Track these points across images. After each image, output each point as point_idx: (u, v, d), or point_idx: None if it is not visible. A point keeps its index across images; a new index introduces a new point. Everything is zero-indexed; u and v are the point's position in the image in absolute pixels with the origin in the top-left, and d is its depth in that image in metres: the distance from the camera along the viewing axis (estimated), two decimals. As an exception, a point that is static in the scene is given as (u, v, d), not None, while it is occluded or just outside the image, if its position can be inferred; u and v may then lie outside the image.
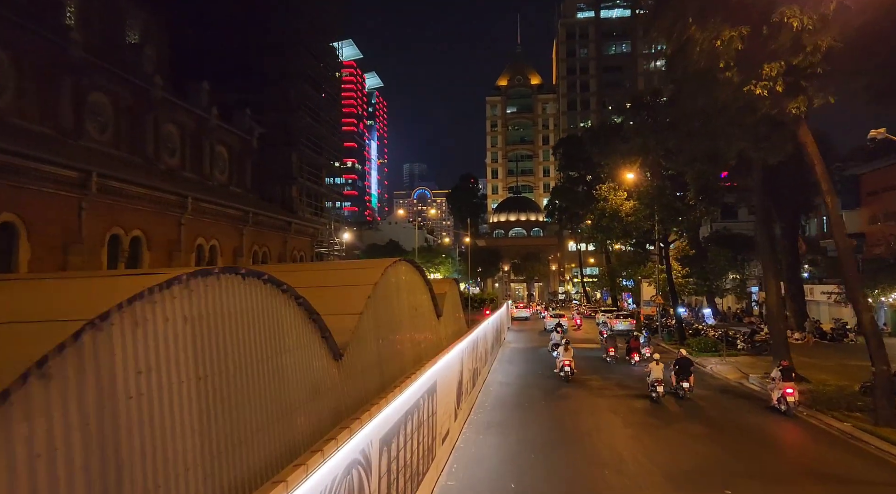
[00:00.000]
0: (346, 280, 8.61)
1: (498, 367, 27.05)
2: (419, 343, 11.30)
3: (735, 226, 66.38)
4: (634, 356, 27.28)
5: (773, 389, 18.71)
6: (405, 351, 10.12)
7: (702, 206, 34.26)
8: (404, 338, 10.12)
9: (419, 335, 11.55)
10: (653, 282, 43.06)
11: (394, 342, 9.19)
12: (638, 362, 26.82)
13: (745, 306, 62.55)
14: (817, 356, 27.32)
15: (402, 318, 9.94)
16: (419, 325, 11.63)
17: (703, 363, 27.76)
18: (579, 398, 19.49)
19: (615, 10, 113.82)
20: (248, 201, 27.20)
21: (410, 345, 10.50)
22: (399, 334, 9.68)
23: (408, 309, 10.56)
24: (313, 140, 36.79)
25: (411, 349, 10.56)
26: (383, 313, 8.69)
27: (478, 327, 20.47)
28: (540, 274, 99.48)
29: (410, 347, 10.51)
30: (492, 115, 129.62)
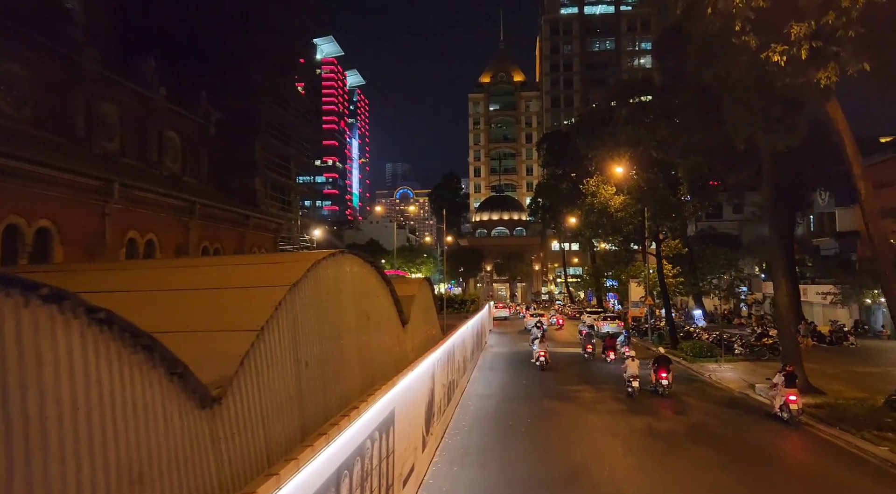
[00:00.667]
0: (254, 279, 6.05)
1: (478, 376, 24.61)
2: (372, 361, 8.77)
3: (720, 225, 64.98)
4: (610, 355, 27.94)
5: (776, 396, 16.91)
6: (350, 374, 7.58)
7: (695, 201, 32.15)
8: (348, 357, 7.58)
9: (374, 349, 9.01)
10: (642, 282, 40.93)
11: (328, 365, 6.65)
12: (613, 359, 27.38)
13: (734, 307, 60.86)
14: (818, 361, 25.22)
15: (344, 330, 7.40)
16: (374, 337, 9.09)
17: (701, 370, 25.59)
18: (570, 416, 17.07)
19: (599, 6, 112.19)
20: (199, 191, 24.45)
21: (359, 365, 7.96)
22: (339, 351, 7.13)
23: (355, 318, 8.02)
24: (281, 129, 34.04)
25: (360, 369, 8.03)
26: (310, 324, 6.15)
27: (455, 333, 18.00)
28: (523, 274, 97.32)
29: (359, 367, 7.97)
30: (474, 112, 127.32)
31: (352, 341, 7.82)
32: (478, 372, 25.45)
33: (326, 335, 6.77)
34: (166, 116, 24.92)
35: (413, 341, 12.75)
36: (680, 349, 30.67)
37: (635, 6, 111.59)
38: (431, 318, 16.45)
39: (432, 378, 12.63)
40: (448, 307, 53.41)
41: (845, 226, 43.75)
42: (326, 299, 6.90)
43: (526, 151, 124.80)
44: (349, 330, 7.77)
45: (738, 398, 19.82)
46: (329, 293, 7.00)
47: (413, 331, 12.89)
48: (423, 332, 14.43)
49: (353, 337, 7.90)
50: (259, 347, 4.96)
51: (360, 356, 8.14)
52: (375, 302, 9.51)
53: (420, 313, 14.11)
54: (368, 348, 8.74)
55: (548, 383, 22.80)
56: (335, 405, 6.80)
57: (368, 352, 8.70)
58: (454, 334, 17.76)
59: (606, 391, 20.70)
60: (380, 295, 9.88)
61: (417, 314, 13.56)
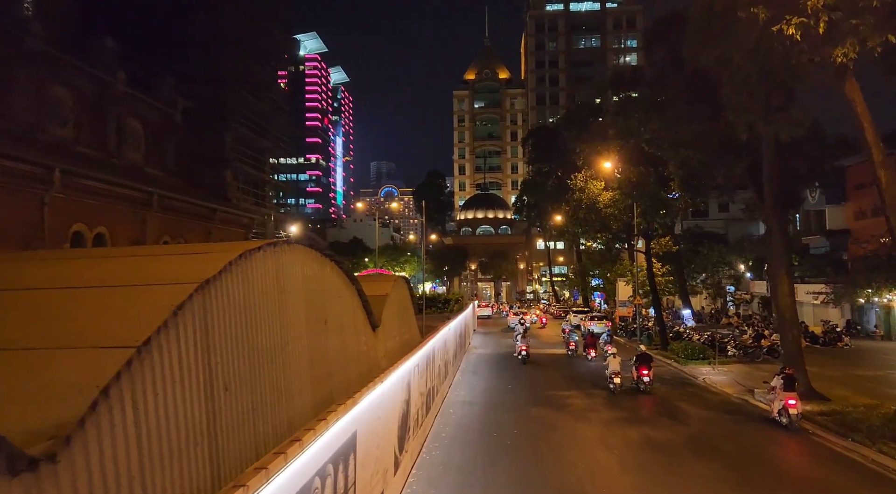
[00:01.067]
0: (152, 275, 4.54)
1: (461, 380, 23.20)
2: (330, 374, 7.30)
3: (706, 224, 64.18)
4: (591, 352, 28.24)
5: (774, 399, 16.04)
6: (297, 393, 6.11)
7: (686, 197, 30.95)
8: (295, 372, 6.10)
9: (333, 359, 7.54)
10: (630, 281, 39.78)
11: (262, 385, 5.16)
12: (594, 357, 27.71)
13: (721, 306, 60.04)
14: (814, 364, 24.01)
15: (289, 338, 5.92)
16: (334, 345, 7.62)
17: (694, 372, 24.40)
18: (560, 427, 15.71)
19: (584, 3, 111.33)
20: (163, 183, 22.77)
21: (311, 381, 6.49)
22: (280, 366, 5.65)
23: (307, 323, 6.54)
24: (254, 120, 32.35)
25: (313, 386, 6.56)
26: (234, 334, 4.66)
27: (435, 335, 16.56)
28: (508, 273, 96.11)
29: (311, 384, 6.51)
30: (459, 109, 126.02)
31: (301, 351, 6.35)
32: (460, 376, 24.05)
33: (261, 347, 5.29)
34: (127, 102, 23.19)
35: (386, 346, 11.28)
36: (671, 350, 29.51)
37: (621, 4, 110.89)
38: (409, 320, 14.99)
39: (408, 389, 11.19)
40: (431, 307, 51.89)
41: (835, 224, 42.96)
42: (262, 300, 5.42)
43: (511, 149, 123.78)
44: (297, 339, 6.29)
45: (736, 404, 18.60)
46: (266, 293, 5.52)
47: (386, 335, 11.42)
48: (399, 336, 12.97)
49: (302, 347, 6.42)
50: (140, 370, 3.48)
51: (312, 370, 6.66)
52: (337, 304, 8.03)
53: (395, 314, 12.64)
54: (325, 358, 7.27)
55: (535, 388, 21.46)
56: (272, 436, 5.32)
57: (325, 364, 7.23)
58: (434, 336, 16.33)
59: (597, 397, 19.38)
60: (343, 295, 8.41)
61: (391, 316, 12.10)
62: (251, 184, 32.93)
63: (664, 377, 24.09)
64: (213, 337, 4.41)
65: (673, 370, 25.79)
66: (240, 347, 4.83)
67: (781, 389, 16.13)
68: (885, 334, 35.41)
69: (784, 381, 16.15)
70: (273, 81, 35.34)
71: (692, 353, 27.36)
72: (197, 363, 4.16)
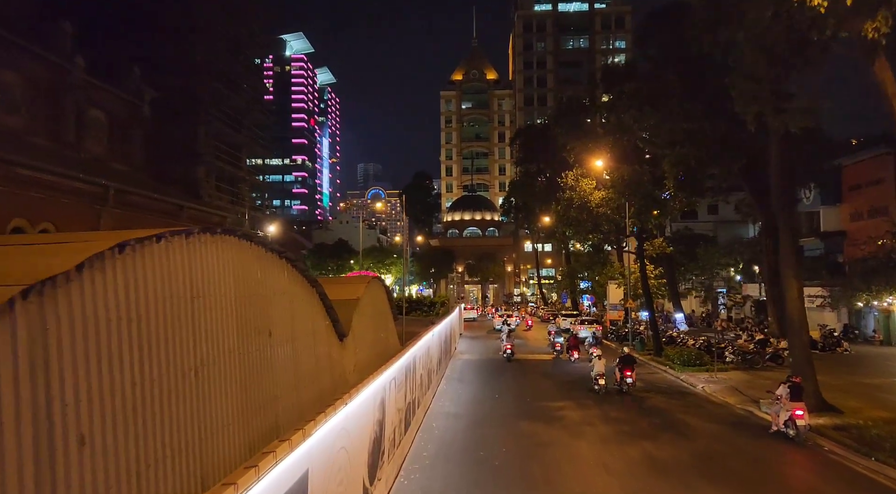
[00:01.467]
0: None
1: (446, 388, 21.73)
2: (276, 399, 5.83)
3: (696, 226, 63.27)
4: (574, 354, 28.46)
5: (780, 410, 14.90)
6: (220, 430, 4.60)
7: (681, 196, 29.74)
8: (218, 405, 4.59)
9: (280, 380, 6.04)
10: (621, 283, 38.51)
11: (159, 429, 3.63)
12: (577, 359, 28.08)
13: (712, 309, 59.05)
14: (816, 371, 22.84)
15: (209, 359, 4.42)
16: (281, 362, 6.12)
17: (691, 380, 23.11)
18: (554, 444, 14.29)
19: (573, 3, 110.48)
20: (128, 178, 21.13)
21: (242, 413, 5.01)
22: (185, 400, 4.15)
23: (239, 338, 5.05)
24: (230, 115, 30.71)
25: (246, 419, 5.07)
26: (106, 361, 3.10)
27: (417, 343, 15.08)
28: (495, 276, 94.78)
29: (242, 416, 5.01)
30: (446, 110, 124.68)
31: (227, 374, 4.85)
32: (445, 384, 22.58)
33: (155, 375, 3.79)
34: (87, 91, 21.51)
35: (357, 358, 9.78)
36: (665, 356, 28.25)
37: (610, 4, 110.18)
38: (386, 326, 13.49)
39: (382, 407, 9.70)
40: (416, 311, 50.42)
41: (830, 226, 42.03)
42: (162, 309, 3.92)
43: (499, 151, 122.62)
44: (221, 358, 4.80)
45: (741, 417, 17.30)
46: (170, 299, 4.02)
47: (358, 345, 9.94)
48: (374, 345, 11.48)
49: (230, 368, 4.92)
50: None
51: (246, 397, 5.17)
52: (287, 310, 6.55)
53: (368, 321, 11.15)
54: (268, 379, 5.78)
55: (524, 396, 20.06)
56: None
57: (268, 386, 5.74)
58: (416, 344, 14.86)
59: (591, 408, 17.99)
60: (298, 300, 6.92)
61: (364, 324, 10.61)
62: (226, 181, 31.28)
63: (660, 385, 22.80)
64: (58, 368, 2.92)
65: (669, 378, 24.52)
66: (112, 378, 3.34)
67: (788, 398, 14.95)
68: (885, 338, 34.39)
69: (791, 390, 14.97)
70: (251, 73, 33.69)
71: (688, 359, 26.10)
72: (20, 411, 2.67)
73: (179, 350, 4.12)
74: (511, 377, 25.03)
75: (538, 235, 79.69)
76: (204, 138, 28.05)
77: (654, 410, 17.99)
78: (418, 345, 15.47)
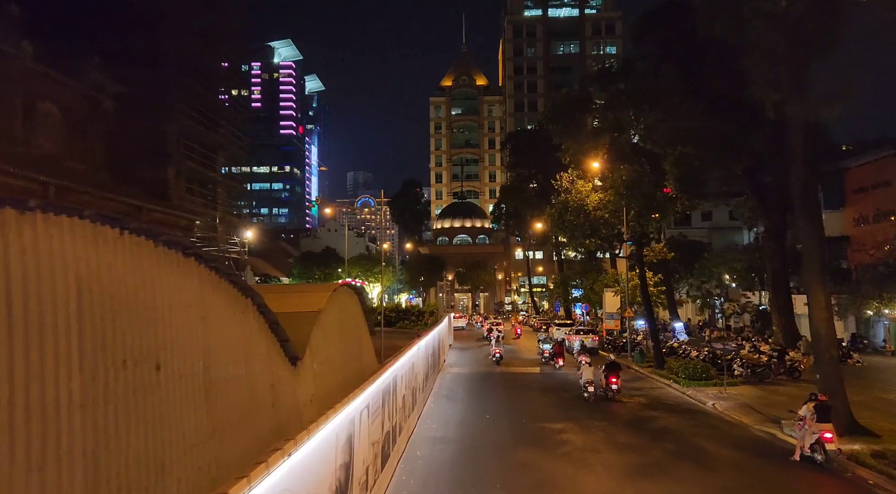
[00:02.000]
0: None
1: (433, 408, 19.76)
2: (161, 472, 3.83)
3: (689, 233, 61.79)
4: (559, 361, 28.63)
5: (805, 433, 13.25)
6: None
7: (683, 198, 28.09)
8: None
9: (173, 439, 4.08)
10: (618, 291, 36.76)
11: None
12: (562, 366, 28.40)
13: (708, 318, 57.44)
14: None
15: (35, 410, 2.41)
16: (176, 410, 4.17)
17: (700, 397, 21.27)
18: (558, 479, 12.36)
19: (563, 9, 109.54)
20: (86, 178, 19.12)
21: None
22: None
23: (87, 379, 3.06)
24: (203, 112, 28.73)
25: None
26: None
27: (398, 360, 13.15)
28: (486, 284, 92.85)
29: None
30: (436, 116, 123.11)
31: (57, 441, 2.90)
32: (432, 402, 20.63)
33: None
34: (37, 81, 19.53)
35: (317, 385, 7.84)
36: (668, 369, 26.42)
37: (600, 10, 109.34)
38: (359, 341, 11.54)
39: (349, 446, 7.75)
40: (403, 320, 48.51)
41: (833, 230, 40.49)
42: None
43: (489, 158, 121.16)
44: (43, 414, 2.85)
45: (763, 441, 15.47)
46: None
47: (318, 369, 7.98)
48: (342, 365, 9.55)
49: (63, 427, 2.98)
50: None
51: (96, 477, 3.21)
52: (197, 331, 4.62)
53: (334, 337, 9.21)
54: (142, 440, 3.83)
55: (519, 416, 18.15)
56: None
57: (138, 452, 3.78)
58: (397, 361, 12.93)
59: (596, 431, 16.09)
60: (215, 316, 5.00)
61: (328, 341, 8.67)
62: (199, 183, 29.25)
63: (667, 402, 20.96)
64: None
65: (674, 394, 22.68)
66: None
67: (814, 419, 13.24)
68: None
69: (817, 410, 13.25)
70: (228, 69, 31.75)
71: (694, 373, 24.25)
72: None
73: None
74: (503, 392, 23.13)
75: (529, 242, 77.98)
76: (174, 137, 26.04)
77: (665, 433, 16.13)
78: (400, 362, 13.54)
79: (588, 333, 38.32)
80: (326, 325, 8.39)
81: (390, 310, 51.44)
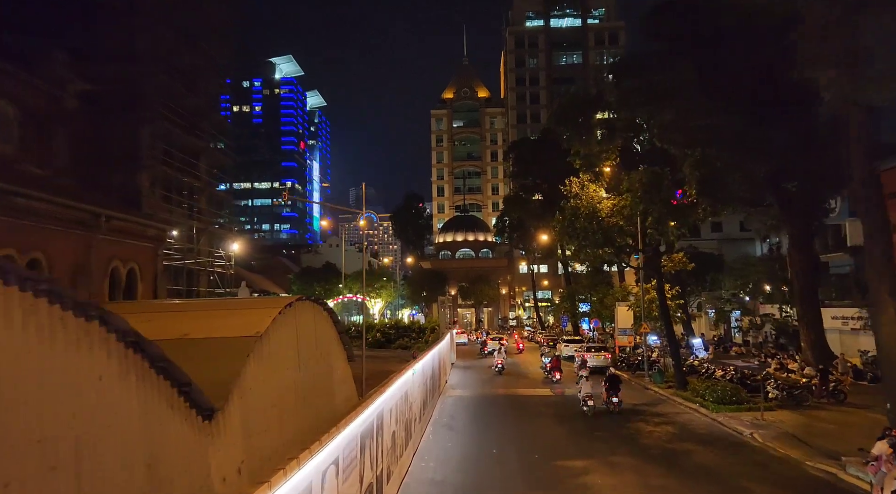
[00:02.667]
0: None
1: (432, 440, 17.31)
2: None
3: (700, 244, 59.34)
4: (556, 375, 28.95)
5: (884, 477, 10.64)
6: None
7: (705, 203, 25.78)
8: None
9: None
10: (632, 306, 34.32)
11: None
12: (559, 379, 28.68)
13: (724, 333, 54.78)
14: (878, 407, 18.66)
15: None
16: None
17: (733, 424, 18.75)
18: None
19: (565, 19, 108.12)
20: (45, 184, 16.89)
21: None
22: None
23: None
24: (184, 114, 26.62)
25: None
26: None
27: (386, 391, 10.77)
28: (489, 298, 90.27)
29: None
30: (437, 129, 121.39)
31: None
32: (431, 433, 18.18)
33: None
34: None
35: (243, 447, 5.45)
36: (692, 390, 23.88)
37: (602, 20, 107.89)
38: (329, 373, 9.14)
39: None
40: (403, 337, 45.98)
41: (858, 239, 38.08)
42: None
43: (491, 170, 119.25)
44: None
45: (824, 483, 12.98)
46: None
47: (251, 422, 5.60)
48: (300, 410, 7.17)
49: None
50: None
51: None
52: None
53: (285, 371, 6.81)
54: None
55: (531, 452, 15.68)
56: None
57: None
58: (384, 393, 10.56)
59: (625, 472, 13.60)
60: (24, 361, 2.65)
61: (273, 377, 6.29)
62: (178, 191, 27.05)
63: (698, 431, 18.46)
64: None
65: (704, 421, 20.15)
66: None
67: (893, 461, 10.76)
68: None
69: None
70: (212, 70, 29.67)
71: (723, 395, 21.72)
72: None
73: None
74: (511, 418, 20.69)
75: (534, 255, 75.60)
76: (149, 141, 23.88)
77: (704, 472, 13.66)
78: (389, 393, 11.16)
79: (600, 350, 35.83)
80: (271, 355, 6.05)
81: (390, 327, 48.98)
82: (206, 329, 5.51)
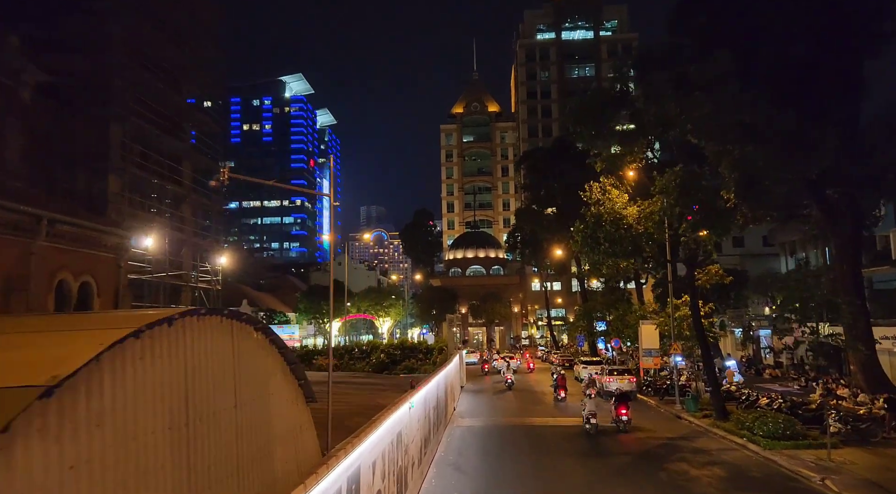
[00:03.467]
0: None
1: (435, 486, 14.32)
2: None
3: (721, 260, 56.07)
4: (561, 393, 29.00)
5: None
6: None
7: (746, 208, 22.80)
8: None
9: None
10: (659, 324, 31.21)
11: None
12: (564, 398, 28.81)
13: (753, 354, 51.22)
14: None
15: None
16: None
17: (794, 466, 15.61)
18: None
19: (577, 31, 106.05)
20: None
21: None
22: None
23: None
24: (164, 113, 24.16)
25: None
26: None
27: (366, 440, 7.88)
28: (501, 317, 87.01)
29: None
30: (447, 144, 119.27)
31: None
32: (435, 476, 15.20)
33: None
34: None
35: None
36: (736, 421, 20.71)
37: (615, 32, 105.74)
38: (267, 425, 6.22)
39: None
40: (409, 358, 42.97)
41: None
42: None
43: (502, 186, 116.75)
44: None
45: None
46: None
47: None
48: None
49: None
50: None
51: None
52: None
53: (150, 438, 3.96)
54: None
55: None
56: None
57: None
58: (364, 442, 7.66)
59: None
60: None
61: (113, 454, 3.42)
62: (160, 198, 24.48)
63: (755, 476, 15.33)
64: None
65: (758, 461, 16.99)
66: None
67: None
68: None
69: None
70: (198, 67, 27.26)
71: (775, 429, 18.59)
72: None
73: None
74: (530, 457, 17.66)
75: (547, 271, 72.54)
76: (119, 140, 21.36)
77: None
78: (372, 440, 8.25)
79: (623, 373, 32.62)
80: (99, 413, 3.20)
81: (395, 347, 45.99)
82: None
